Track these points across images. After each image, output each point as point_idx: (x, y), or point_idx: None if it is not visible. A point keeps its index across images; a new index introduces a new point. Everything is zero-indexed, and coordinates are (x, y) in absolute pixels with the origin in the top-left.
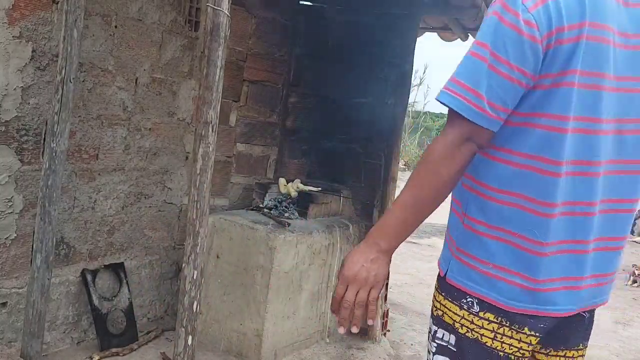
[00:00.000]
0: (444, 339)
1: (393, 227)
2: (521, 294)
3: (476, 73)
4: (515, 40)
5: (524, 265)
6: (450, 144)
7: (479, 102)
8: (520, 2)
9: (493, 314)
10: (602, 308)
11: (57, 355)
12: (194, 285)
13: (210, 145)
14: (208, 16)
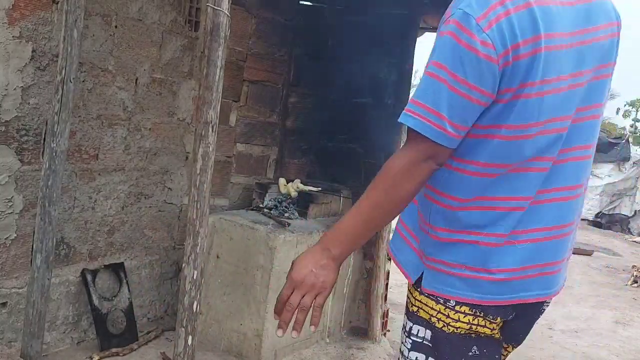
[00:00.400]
0: (419, 335)
1: (348, 236)
2: (497, 285)
3: (436, 94)
4: (473, 60)
5: (494, 259)
6: (410, 163)
7: (441, 122)
8: (475, 23)
9: (468, 307)
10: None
11: (57, 355)
12: (194, 285)
13: (210, 145)
14: (208, 16)
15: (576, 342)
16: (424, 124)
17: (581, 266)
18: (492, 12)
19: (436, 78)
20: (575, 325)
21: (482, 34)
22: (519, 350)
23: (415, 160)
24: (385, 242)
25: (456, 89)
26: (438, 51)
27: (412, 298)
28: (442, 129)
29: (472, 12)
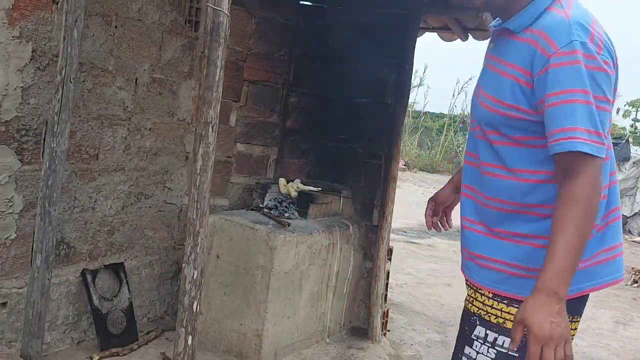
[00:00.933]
0: (504, 345)
1: (568, 272)
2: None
3: (591, 117)
4: (604, 78)
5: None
6: (595, 183)
7: (601, 139)
8: (591, 48)
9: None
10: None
11: (57, 356)
12: (194, 285)
13: (210, 145)
14: (208, 16)
15: (576, 342)
16: (595, 146)
17: None
18: (594, 36)
19: (585, 103)
20: None
21: (601, 55)
22: None
23: (597, 181)
24: (385, 243)
25: (601, 107)
26: (573, 80)
27: (494, 310)
28: (603, 144)
29: (585, 40)
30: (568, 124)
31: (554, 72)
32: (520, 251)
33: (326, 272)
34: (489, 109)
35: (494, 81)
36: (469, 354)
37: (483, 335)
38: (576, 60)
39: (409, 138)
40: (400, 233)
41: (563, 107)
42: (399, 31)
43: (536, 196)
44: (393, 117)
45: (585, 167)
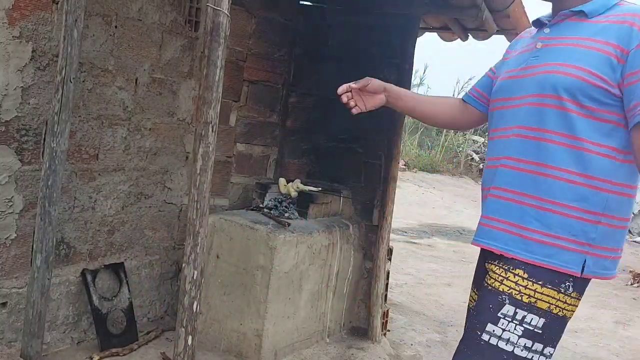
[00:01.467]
0: (531, 323)
1: None
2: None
3: None
4: None
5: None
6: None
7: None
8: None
9: (576, 292)
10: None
11: (57, 355)
12: (194, 285)
13: (210, 145)
14: (208, 16)
15: (576, 342)
16: None
17: None
18: None
19: None
20: (575, 325)
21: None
22: None
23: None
24: (385, 243)
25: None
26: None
27: (528, 290)
28: None
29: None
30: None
31: None
32: (574, 224)
33: (326, 272)
34: (571, 75)
35: (569, 53)
36: (492, 331)
37: (512, 313)
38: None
39: (409, 138)
40: (400, 233)
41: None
42: (399, 31)
43: (597, 169)
44: (393, 117)
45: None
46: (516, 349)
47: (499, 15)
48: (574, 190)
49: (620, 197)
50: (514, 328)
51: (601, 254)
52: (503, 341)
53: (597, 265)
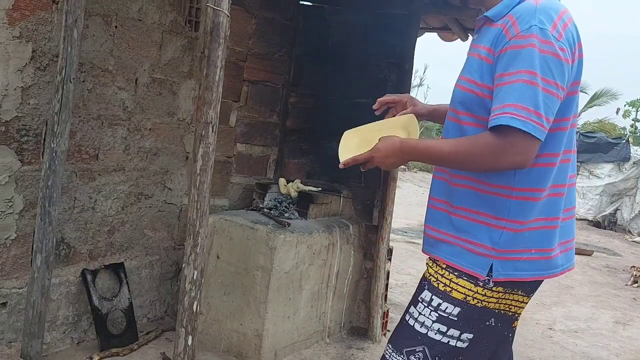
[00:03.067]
0: (446, 310)
1: (420, 156)
2: (546, 264)
3: (533, 97)
4: (557, 64)
5: (550, 240)
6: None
7: (539, 119)
8: (550, 34)
9: (502, 287)
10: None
11: (57, 356)
12: (194, 285)
13: (210, 145)
14: (208, 16)
15: (576, 342)
16: (528, 123)
17: (581, 266)
18: (557, 24)
19: (530, 83)
20: (576, 326)
21: (559, 42)
22: (519, 350)
23: (506, 151)
24: (385, 243)
25: (547, 90)
26: (524, 61)
27: (444, 279)
28: (541, 125)
29: (546, 27)
30: (508, 100)
31: (509, 53)
32: (478, 229)
33: (326, 272)
34: (464, 89)
35: (469, 64)
36: (412, 313)
37: (428, 299)
38: (531, 43)
39: None
40: (400, 233)
41: (509, 86)
42: (399, 31)
43: (496, 177)
44: None
45: (503, 140)
46: (430, 332)
47: None
48: (479, 197)
49: (523, 201)
50: (429, 313)
51: (510, 256)
52: (418, 323)
53: (507, 267)
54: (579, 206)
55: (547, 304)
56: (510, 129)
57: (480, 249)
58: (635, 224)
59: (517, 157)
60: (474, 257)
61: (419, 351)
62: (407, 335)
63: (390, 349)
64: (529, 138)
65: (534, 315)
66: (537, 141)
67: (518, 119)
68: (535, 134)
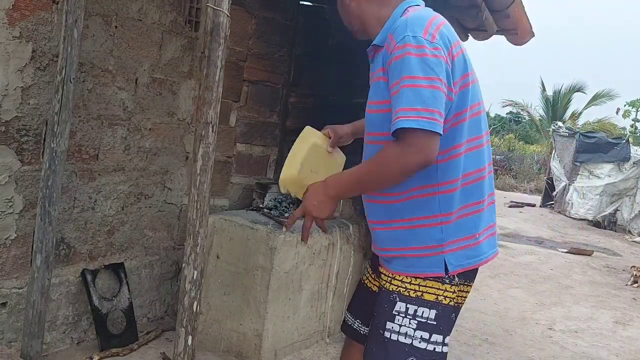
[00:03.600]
0: (423, 315)
1: (345, 189)
2: (486, 245)
3: (420, 97)
4: (435, 63)
5: (483, 223)
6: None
7: (432, 115)
8: (422, 38)
9: (461, 278)
10: (602, 308)
11: (57, 356)
12: (194, 285)
13: (210, 145)
14: (208, 16)
15: (576, 342)
16: (419, 121)
17: (581, 266)
18: (429, 29)
19: (412, 86)
20: (575, 325)
21: (432, 44)
22: (518, 350)
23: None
24: None
25: (432, 86)
26: (404, 69)
27: (412, 285)
28: (432, 119)
29: (417, 34)
30: (398, 106)
31: (393, 65)
32: (414, 235)
33: (326, 272)
34: (374, 112)
35: (373, 90)
36: (391, 328)
37: (404, 309)
38: (407, 52)
39: None
40: None
41: (397, 95)
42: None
43: (416, 180)
44: None
45: (403, 142)
46: (414, 341)
47: (499, 16)
48: (410, 204)
49: (450, 193)
50: (408, 322)
51: (456, 247)
52: (402, 336)
53: (459, 258)
54: (579, 206)
55: (547, 304)
56: (406, 131)
57: (428, 251)
58: (635, 224)
59: (418, 155)
60: (427, 260)
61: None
62: (395, 351)
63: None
64: (425, 134)
65: (533, 315)
66: (434, 135)
67: (409, 120)
68: (429, 128)
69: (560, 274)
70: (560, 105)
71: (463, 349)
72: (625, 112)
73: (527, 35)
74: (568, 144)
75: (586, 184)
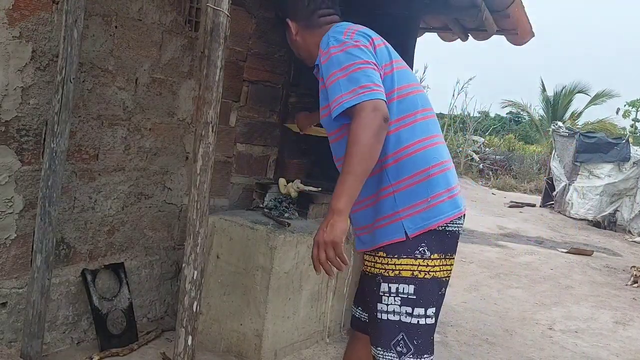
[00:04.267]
0: (404, 291)
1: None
2: (448, 205)
3: (352, 80)
4: (358, 50)
5: (439, 187)
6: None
7: (368, 88)
8: (343, 38)
9: (437, 254)
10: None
11: (57, 356)
12: (194, 285)
13: (210, 145)
14: (208, 16)
15: (576, 342)
16: (357, 98)
17: (581, 266)
18: (347, 32)
19: (346, 75)
20: (575, 326)
21: (352, 40)
22: (519, 350)
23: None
24: None
25: (359, 68)
26: (335, 64)
27: (388, 266)
28: (370, 90)
29: (338, 36)
30: (335, 95)
31: (322, 68)
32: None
33: None
34: (326, 115)
35: (320, 98)
36: (381, 309)
37: (387, 288)
38: (331, 53)
39: None
40: None
41: (334, 84)
42: (399, 31)
43: None
44: None
45: (356, 116)
46: (401, 316)
47: (499, 16)
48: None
49: (396, 164)
50: (393, 300)
51: (412, 212)
52: (390, 314)
53: (416, 221)
54: (579, 206)
55: (547, 304)
56: (354, 108)
57: (388, 220)
58: (635, 224)
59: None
60: (389, 229)
61: (400, 339)
62: (388, 330)
63: (381, 351)
64: (369, 102)
65: (534, 315)
66: (378, 101)
67: (351, 100)
68: (370, 98)
69: (560, 274)
70: (560, 105)
71: (463, 349)
72: (625, 112)
73: (527, 35)
74: (568, 144)
75: (586, 184)
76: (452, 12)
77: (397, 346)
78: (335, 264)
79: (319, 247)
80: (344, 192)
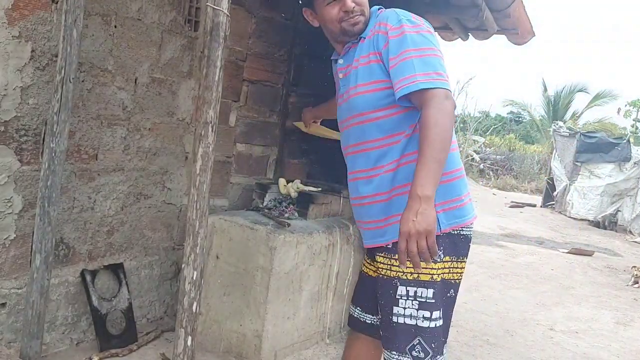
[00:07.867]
0: (423, 295)
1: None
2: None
3: (432, 63)
4: (430, 36)
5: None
6: (443, 109)
7: (444, 77)
8: (414, 21)
9: (449, 257)
10: (603, 308)
11: (57, 356)
12: (193, 285)
13: (210, 145)
14: (208, 16)
15: (577, 343)
16: (433, 82)
17: (582, 267)
18: (415, 17)
19: (418, 57)
20: (576, 326)
21: (424, 25)
22: (519, 351)
23: (444, 106)
24: None
25: (434, 54)
26: (410, 42)
27: (410, 269)
28: (443, 79)
29: (408, 17)
30: (407, 73)
31: (392, 43)
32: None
33: (326, 273)
34: (367, 92)
35: (360, 75)
36: (397, 312)
37: (405, 292)
38: (404, 31)
39: None
40: None
41: (402, 64)
42: None
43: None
44: None
45: (432, 98)
46: (418, 321)
47: (500, 15)
48: (379, 180)
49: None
50: (411, 304)
51: (447, 207)
52: (407, 318)
53: (450, 217)
54: (580, 206)
55: (548, 304)
56: (429, 91)
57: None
58: (636, 224)
59: (450, 102)
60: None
61: (416, 344)
62: (403, 334)
63: (396, 355)
64: (444, 89)
65: (534, 315)
66: (450, 92)
67: (429, 82)
68: (446, 87)
69: (561, 274)
70: (561, 105)
71: (464, 349)
72: (626, 112)
73: (528, 35)
74: (569, 144)
75: (587, 184)
76: (452, 11)
77: (412, 350)
78: (427, 255)
79: (410, 237)
80: (429, 178)
